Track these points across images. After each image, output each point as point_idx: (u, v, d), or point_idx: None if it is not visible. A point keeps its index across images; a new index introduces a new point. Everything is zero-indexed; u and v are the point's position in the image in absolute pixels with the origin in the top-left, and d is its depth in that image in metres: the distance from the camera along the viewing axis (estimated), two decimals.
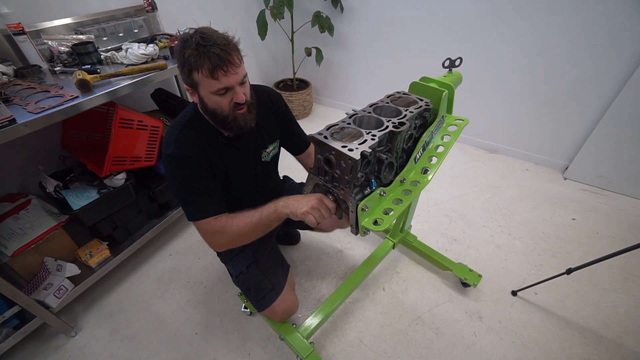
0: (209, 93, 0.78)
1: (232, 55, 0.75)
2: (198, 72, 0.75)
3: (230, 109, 0.82)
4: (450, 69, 1.02)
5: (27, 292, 1.18)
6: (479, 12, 1.87)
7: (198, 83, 0.77)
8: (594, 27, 1.60)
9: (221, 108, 0.81)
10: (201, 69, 0.74)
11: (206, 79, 0.75)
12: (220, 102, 0.80)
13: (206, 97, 0.80)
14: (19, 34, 1.18)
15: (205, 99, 0.81)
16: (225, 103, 0.80)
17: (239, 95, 0.80)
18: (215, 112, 0.82)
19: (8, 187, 1.39)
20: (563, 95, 1.84)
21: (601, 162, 1.84)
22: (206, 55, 0.72)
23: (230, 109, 0.82)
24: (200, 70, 0.74)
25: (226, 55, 0.74)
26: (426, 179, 0.82)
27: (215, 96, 0.79)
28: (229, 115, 0.82)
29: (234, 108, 0.82)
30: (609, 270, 1.43)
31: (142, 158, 1.42)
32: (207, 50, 0.72)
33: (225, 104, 0.81)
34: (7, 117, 0.88)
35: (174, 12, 1.87)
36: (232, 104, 0.81)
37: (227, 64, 0.74)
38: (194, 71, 0.75)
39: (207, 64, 0.73)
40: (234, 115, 0.83)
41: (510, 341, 1.21)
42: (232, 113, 0.82)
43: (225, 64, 0.74)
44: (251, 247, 1.12)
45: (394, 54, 2.35)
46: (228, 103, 0.81)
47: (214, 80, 0.75)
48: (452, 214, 1.78)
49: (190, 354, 1.23)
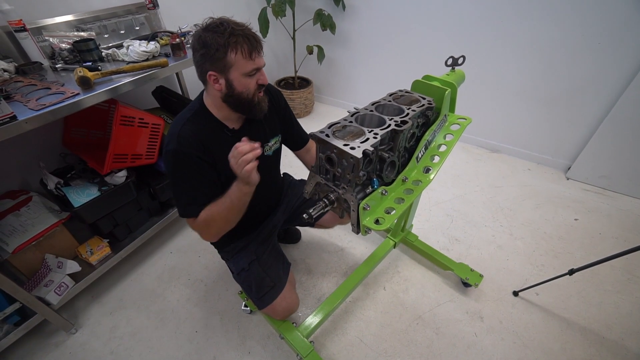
0: (240, 75, 0.83)
1: (258, 41, 0.83)
2: (236, 53, 0.79)
3: (255, 91, 0.87)
4: (453, 67, 1.02)
5: (28, 288, 1.18)
6: (482, 10, 1.85)
7: (233, 65, 0.81)
8: (597, 27, 1.59)
9: (248, 90, 0.86)
10: (241, 48, 0.79)
11: (243, 60, 0.80)
12: (249, 83, 0.85)
13: (236, 80, 0.83)
14: (20, 31, 1.18)
15: (234, 81, 0.83)
16: (252, 85, 0.86)
17: (265, 76, 0.87)
18: (241, 96, 0.86)
19: (9, 184, 1.39)
20: (566, 94, 1.83)
21: (604, 162, 1.83)
22: (244, 37, 0.79)
23: (255, 91, 0.87)
24: (239, 51, 0.79)
25: (256, 40, 0.82)
26: (428, 178, 0.81)
27: (246, 78, 0.84)
28: (254, 97, 0.88)
29: (257, 90, 0.88)
30: (612, 272, 1.42)
31: (143, 155, 1.41)
32: (245, 34, 0.79)
33: (252, 86, 0.86)
34: (8, 114, 0.88)
35: (175, 10, 1.86)
36: (257, 86, 0.87)
37: (260, 48, 0.83)
38: (232, 52, 0.79)
39: (247, 45, 0.79)
40: (257, 97, 0.89)
41: (512, 342, 1.21)
42: (256, 95, 0.88)
43: (258, 47, 0.82)
44: (253, 245, 1.13)
45: (396, 52, 2.34)
46: (255, 85, 0.86)
47: (250, 61, 0.81)
48: (454, 213, 1.78)
49: (190, 351, 1.23)
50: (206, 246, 1.62)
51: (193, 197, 0.90)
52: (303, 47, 2.52)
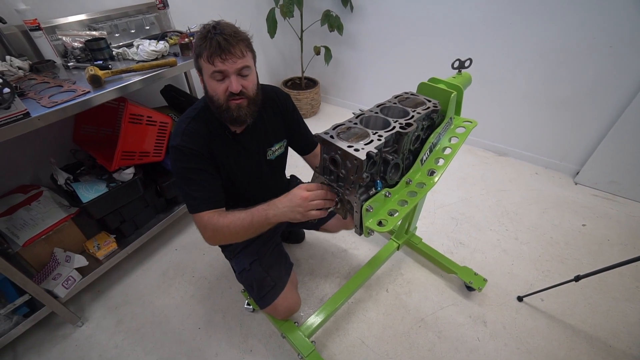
0: (208, 78, 0.84)
1: (233, 46, 0.79)
2: (201, 57, 0.81)
3: (225, 97, 0.85)
4: (459, 70, 1.01)
5: (37, 281, 1.21)
6: (490, 12, 1.84)
7: (201, 67, 0.83)
8: (609, 30, 1.56)
9: (217, 95, 0.85)
10: (203, 54, 0.80)
11: (205, 63, 0.81)
12: (216, 88, 0.84)
13: (207, 82, 0.85)
14: (35, 30, 1.21)
15: (207, 84, 0.86)
16: (220, 90, 0.84)
17: (233, 84, 0.82)
18: (213, 99, 0.86)
19: (21, 179, 1.42)
20: (575, 98, 1.80)
21: (614, 168, 1.79)
22: (209, 41, 0.78)
23: (225, 98, 0.85)
24: (202, 55, 0.80)
25: (227, 45, 0.78)
26: (432, 180, 0.81)
27: (212, 81, 0.83)
28: (223, 103, 0.85)
29: (229, 97, 0.85)
30: (620, 279, 1.40)
31: (151, 153, 1.44)
32: (212, 37, 0.78)
33: (220, 91, 0.84)
34: (22, 111, 0.90)
35: (185, 10, 1.89)
36: (227, 93, 0.84)
37: (225, 52, 0.78)
38: (200, 57, 0.81)
39: (207, 49, 0.79)
40: (227, 104, 0.86)
41: (515, 347, 1.19)
42: (225, 102, 0.85)
43: (224, 51, 0.78)
44: (255, 245, 1.13)
45: (402, 54, 2.33)
46: (223, 91, 0.84)
47: (209, 64, 0.80)
48: (459, 216, 1.76)
49: (192, 348, 1.24)
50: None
51: (196, 193, 0.90)
52: (310, 47, 2.52)
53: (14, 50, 1.25)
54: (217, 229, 0.88)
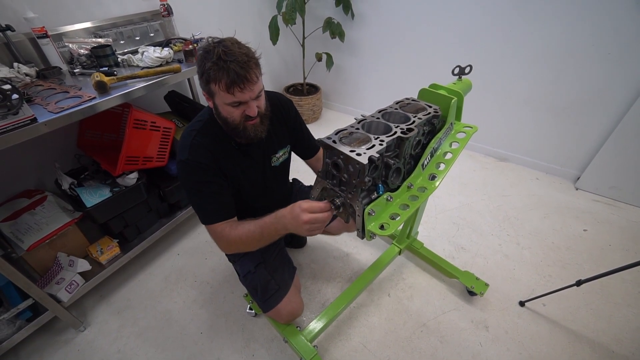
0: (223, 103, 0.82)
1: (250, 73, 0.77)
2: (215, 84, 0.78)
3: (242, 119, 0.85)
4: (459, 76, 1.03)
5: (40, 285, 1.21)
6: (490, 19, 1.87)
7: (214, 94, 0.81)
8: (608, 37, 1.58)
9: (233, 118, 0.85)
10: (219, 82, 0.77)
11: (222, 92, 0.78)
12: (232, 112, 0.83)
13: (220, 107, 0.84)
14: (42, 37, 1.23)
15: (219, 107, 0.84)
16: (237, 114, 0.84)
17: (252, 109, 0.83)
18: (227, 121, 0.86)
19: (26, 184, 1.44)
20: (575, 104, 1.82)
21: (614, 173, 1.80)
22: (225, 70, 0.75)
23: (241, 120, 0.85)
24: (217, 83, 0.77)
25: (244, 73, 0.76)
26: (433, 185, 0.82)
27: (228, 107, 0.82)
28: (240, 125, 0.86)
29: (245, 119, 0.85)
30: (622, 284, 1.39)
31: (154, 158, 1.45)
32: (227, 66, 0.74)
33: (237, 115, 0.84)
34: (29, 116, 0.92)
35: (189, 17, 1.92)
36: (244, 116, 0.84)
37: (244, 82, 0.76)
38: (212, 83, 0.78)
39: (224, 79, 0.76)
40: (244, 125, 0.86)
41: (517, 352, 1.19)
42: (242, 123, 0.86)
43: (243, 81, 0.76)
44: (260, 248, 1.14)
45: (403, 61, 2.36)
46: (240, 114, 0.84)
47: (228, 94, 0.78)
48: (460, 221, 1.77)
49: (195, 352, 1.24)
50: (213, 249, 1.64)
51: (208, 205, 0.92)
52: (312, 54, 2.55)
53: (21, 57, 1.27)
54: (230, 241, 0.91)
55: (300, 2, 2.17)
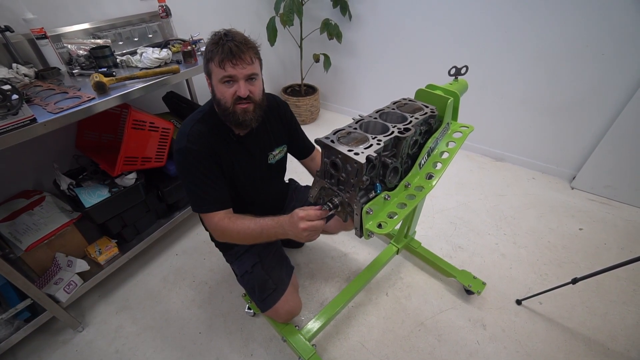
0: (217, 81, 0.87)
1: (244, 52, 0.83)
2: (212, 62, 0.85)
3: (232, 101, 0.88)
4: (456, 76, 1.04)
5: (38, 285, 1.21)
6: (486, 20, 1.88)
7: (211, 72, 0.87)
8: (601, 38, 1.61)
9: (225, 98, 0.88)
10: (214, 58, 0.84)
11: (216, 68, 0.85)
12: (224, 92, 0.87)
13: (215, 87, 0.89)
14: (41, 38, 1.23)
15: (215, 88, 0.89)
16: (228, 94, 0.87)
17: (242, 89, 0.86)
18: (220, 103, 0.90)
19: (24, 184, 1.43)
20: (571, 104, 1.84)
21: (609, 172, 1.82)
22: (221, 46, 0.82)
23: (232, 101, 0.88)
24: (213, 59, 0.84)
25: (238, 51, 0.82)
26: (430, 184, 0.83)
27: (221, 85, 0.87)
28: (230, 106, 0.89)
29: (236, 101, 0.88)
30: (617, 282, 1.41)
31: (153, 159, 1.45)
32: (224, 43, 0.82)
33: (228, 95, 0.87)
34: (29, 117, 0.92)
35: (187, 18, 1.93)
36: (235, 97, 0.87)
37: (236, 58, 0.82)
38: (210, 62, 0.85)
39: (219, 55, 0.83)
40: (234, 108, 0.89)
41: (514, 350, 1.20)
42: (232, 105, 0.89)
43: (235, 57, 0.82)
44: (257, 248, 1.15)
45: (400, 62, 2.38)
46: (231, 95, 0.87)
47: (220, 69, 0.84)
48: (457, 221, 1.78)
49: (193, 352, 1.24)
50: (211, 249, 1.65)
51: (205, 193, 0.93)
52: (310, 55, 2.57)
53: (20, 58, 1.27)
54: (227, 232, 0.94)
55: (298, 4, 2.18)
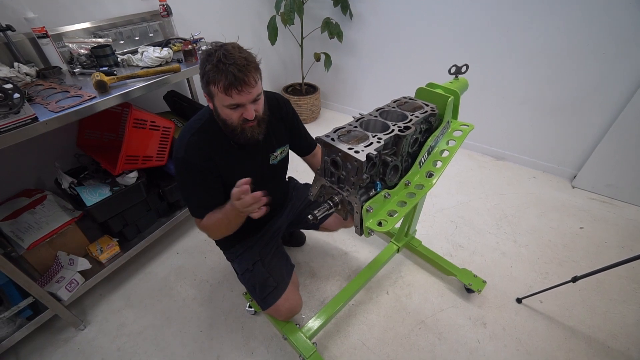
0: (222, 105, 0.85)
1: (248, 76, 0.79)
2: (214, 86, 0.80)
3: (239, 122, 0.87)
4: (456, 75, 1.04)
5: (40, 284, 1.22)
6: (487, 19, 1.88)
7: (214, 95, 0.84)
8: (603, 36, 1.60)
9: (231, 120, 0.87)
10: (217, 84, 0.79)
11: (220, 94, 0.81)
12: (230, 115, 0.86)
13: (219, 108, 0.87)
14: (42, 37, 1.24)
15: (218, 109, 0.87)
16: (235, 117, 0.86)
17: (249, 112, 0.85)
18: (226, 123, 0.89)
19: (25, 183, 1.44)
20: (572, 103, 1.84)
21: (610, 171, 1.82)
22: (224, 73, 0.77)
23: (239, 122, 0.87)
24: (216, 85, 0.80)
25: (242, 76, 0.78)
26: (431, 182, 0.83)
27: (226, 109, 0.85)
28: (237, 127, 0.88)
29: (243, 122, 0.87)
30: (618, 281, 1.41)
31: (154, 158, 1.46)
32: (226, 69, 0.77)
33: (235, 118, 0.86)
34: (30, 116, 0.93)
35: (188, 17, 1.93)
36: (242, 119, 0.86)
37: (242, 84, 0.79)
38: (211, 84, 0.81)
39: (223, 81, 0.78)
40: (242, 127, 0.89)
41: (515, 349, 1.20)
42: (240, 125, 0.88)
43: (240, 84, 0.78)
44: (257, 246, 1.15)
45: (401, 60, 2.37)
46: (238, 117, 0.86)
47: (226, 96, 0.81)
48: (458, 220, 1.78)
49: (194, 350, 1.25)
50: (212, 247, 1.65)
51: (199, 201, 0.98)
52: (310, 54, 2.57)
53: (22, 57, 1.27)
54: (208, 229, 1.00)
55: (299, 3, 2.18)
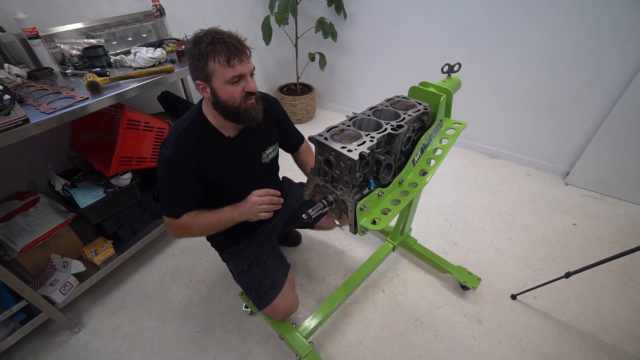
0: (222, 83, 0.82)
1: (244, 48, 0.82)
2: (214, 61, 0.79)
3: (242, 98, 0.86)
4: (449, 74, 1.05)
5: (34, 287, 1.20)
6: (480, 18, 1.90)
7: (213, 73, 0.81)
8: (594, 35, 1.62)
9: (233, 99, 0.85)
10: (218, 57, 0.78)
11: (222, 68, 0.80)
12: (232, 91, 0.84)
13: (219, 88, 0.83)
14: (33, 38, 1.22)
15: (218, 90, 0.84)
16: (237, 93, 0.84)
17: (251, 84, 0.85)
18: (227, 104, 0.86)
19: (18, 185, 1.42)
20: (564, 101, 1.86)
21: (602, 168, 1.84)
22: (224, 44, 0.78)
23: (242, 99, 0.86)
24: (217, 58, 0.79)
25: (241, 46, 0.81)
26: (424, 180, 0.84)
27: (228, 85, 0.83)
28: (240, 105, 0.86)
29: (245, 98, 0.86)
30: (609, 276, 1.43)
31: (148, 159, 1.45)
32: (224, 41, 0.78)
33: (237, 94, 0.84)
34: (21, 117, 0.92)
35: (181, 18, 1.92)
36: (244, 94, 0.85)
37: (242, 53, 0.81)
38: (211, 60, 0.79)
39: (224, 52, 0.78)
40: (245, 105, 0.87)
41: (509, 344, 1.22)
42: (243, 103, 0.87)
43: (240, 53, 0.80)
44: (253, 246, 1.15)
45: (395, 59, 2.38)
46: (240, 93, 0.85)
47: (229, 68, 0.80)
48: (453, 217, 1.79)
49: (191, 351, 1.25)
50: (208, 248, 1.63)
51: (176, 201, 0.96)
52: (305, 54, 2.57)
53: (12, 58, 1.26)
54: (187, 228, 0.97)
55: (293, 3, 2.18)
